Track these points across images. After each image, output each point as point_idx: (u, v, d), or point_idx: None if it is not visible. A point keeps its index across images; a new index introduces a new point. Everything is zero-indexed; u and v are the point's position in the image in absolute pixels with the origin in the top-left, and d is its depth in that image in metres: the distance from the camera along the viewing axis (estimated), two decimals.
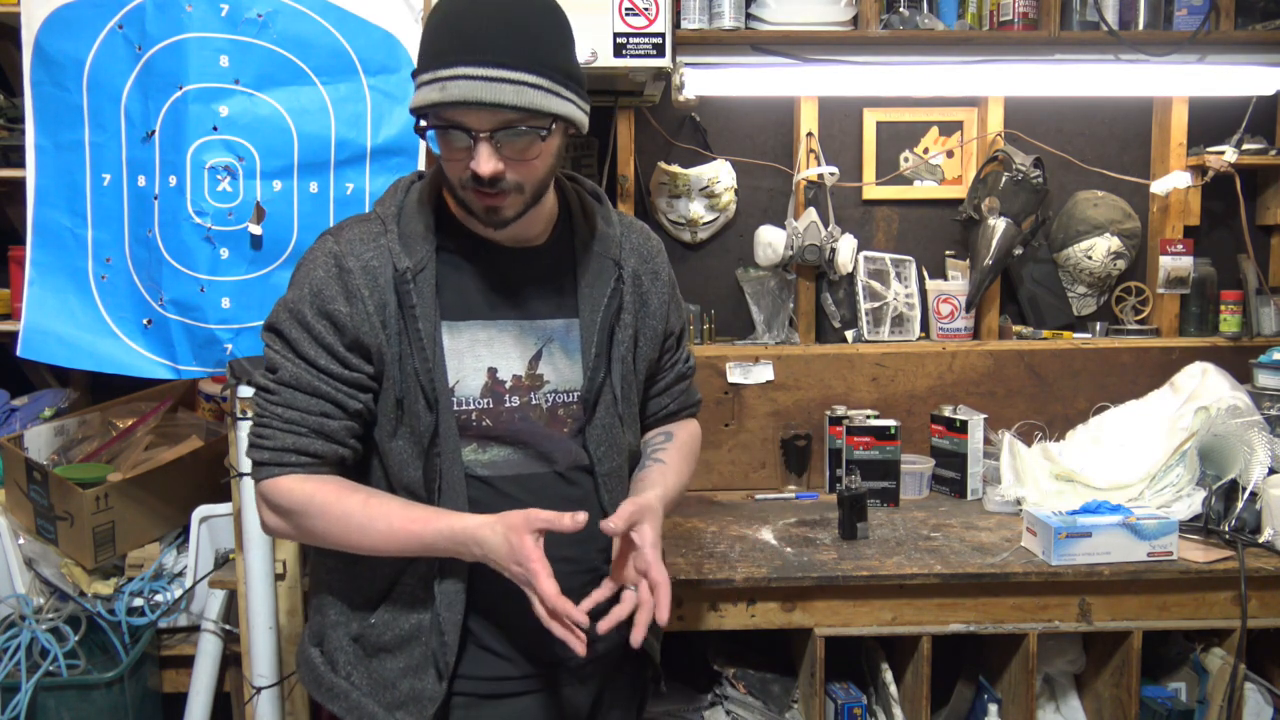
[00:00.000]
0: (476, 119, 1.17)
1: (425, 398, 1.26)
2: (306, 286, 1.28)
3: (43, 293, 1.83)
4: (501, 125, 1.18)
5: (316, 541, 1.32)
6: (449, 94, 1.15)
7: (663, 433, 1.53)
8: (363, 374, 1.28)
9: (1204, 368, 2.32)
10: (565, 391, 1.35)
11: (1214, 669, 2.01)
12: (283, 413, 1.27)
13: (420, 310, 1.26)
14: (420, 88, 1.18)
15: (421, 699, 1.30)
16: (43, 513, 2.08)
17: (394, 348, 1.27)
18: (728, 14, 2.32)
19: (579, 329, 1.36)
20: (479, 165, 1.18)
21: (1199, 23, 2.41)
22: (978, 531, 2.13)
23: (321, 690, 1.37)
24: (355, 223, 1.33)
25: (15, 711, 1.91)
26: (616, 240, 1.40)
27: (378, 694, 1.33)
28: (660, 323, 1.45)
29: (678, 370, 1.54)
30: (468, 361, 1.30)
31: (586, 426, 1.36)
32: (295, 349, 1.27)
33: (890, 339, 2.62)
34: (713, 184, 2.59)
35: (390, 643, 1.32)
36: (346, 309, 1.26)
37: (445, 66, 1.16)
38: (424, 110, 1.18)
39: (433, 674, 1.30)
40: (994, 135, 2.58)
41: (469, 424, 1.30)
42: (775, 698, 2.05)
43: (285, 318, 1.28)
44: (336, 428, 1.28)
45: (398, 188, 1.36)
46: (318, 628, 1.40)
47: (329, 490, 1.28)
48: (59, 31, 1.77)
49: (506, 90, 1.16)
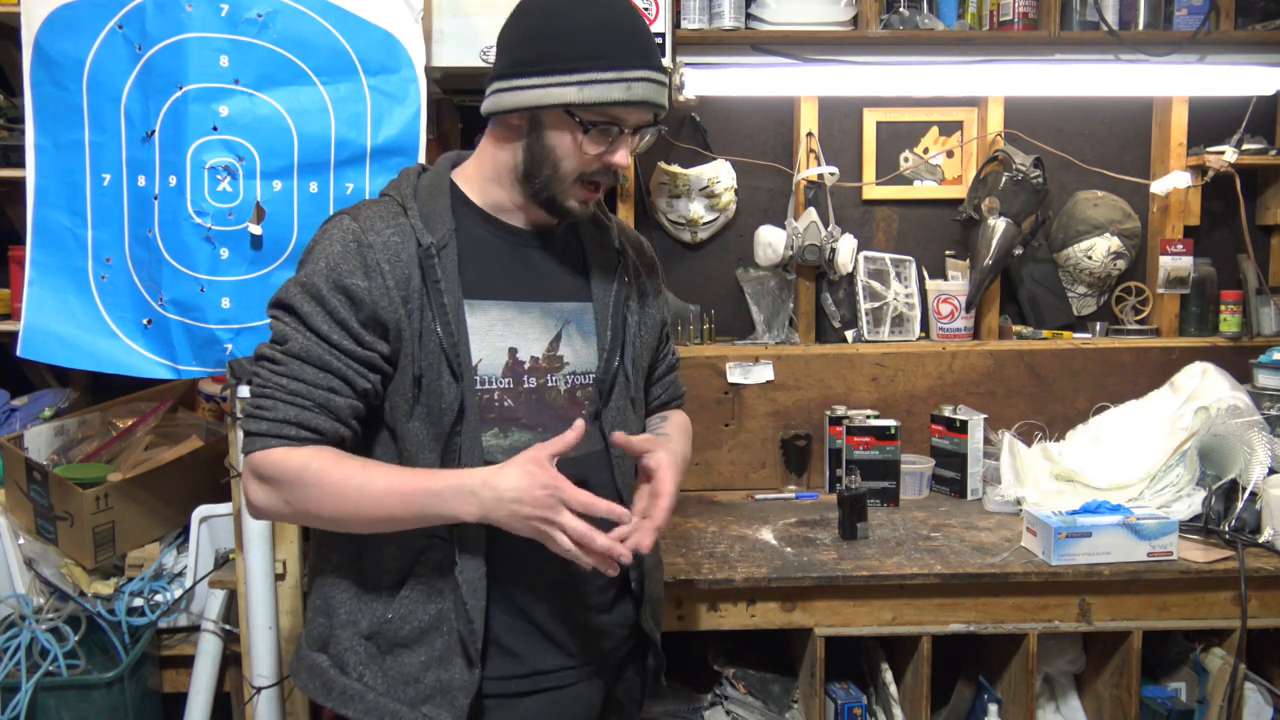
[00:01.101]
0: (637, 117, 1.28)
1: (451, 370, 1.26)
2: (323, 261, 1.26)
3: (43, 293, 1.83)
4: (646, 124, 1.30)
5: (308, 517, 1.28)
6: (634, 94, 1.25)
7: (658, 417, 1.58)
8: (376, 352, 1.27)
9: (1204, 368, 2.32)
10: (583, 373, 1.38)
11: (1214, 669, 2.01)
12: (287, 384, 1.24)
13: (445, 285, 1.27)
14: (596, 85, 1.24)
15: (451, 689, 1.28)
16: (43, 513, 2.08)
17: (415, 324, 1.26)
18: (728, 14, 2.32)
19: (593, 312, 1.40)
20: (620, 157, 1.29)
21: (1199, 23, 2.41)
22: (978, 531, 2.13)
23: (333, 695, 1.32)
24: (370, 204, 1.34)
25: (15, 711, 1.91)
26: (615, 232, 1.47)
27: (397, 691, 1.30)
28: (657, 312, 1.50)
29: (669, 361, 1.60)
30: (490, 340, 1.31)
31: (602, 410, 1.38)
32: (307, 322, 1.25)
33: (890, 339, 2.62)
34: (713, 184, 2.59)
35: (409, 636, 1.30)
36: (365, 284, 1.25)
37: (630, 69, 1.25)
38: (602, 106, 1.25)
39: (460, 663, 1.28)
40: (994, 135, 2.58)
41: (491, 404, 1.30)
42: (775, 698, 2.05)
43: (297, 292, 1.26)
44: (342, 405, 1.25)
45: (409, 174, 1.38)
46: (321, 632, 1.36)
47: (325, 456, 1.24)
48: (59, 31, 1.77)
49: (664, 95, 1.29)
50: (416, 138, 1.82)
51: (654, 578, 1.47)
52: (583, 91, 1.24)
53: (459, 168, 1.39)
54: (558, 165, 1.29)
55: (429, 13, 1.84)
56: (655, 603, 1.48)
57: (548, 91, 1.25)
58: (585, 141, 1.27)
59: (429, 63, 1.84)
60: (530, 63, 1.26)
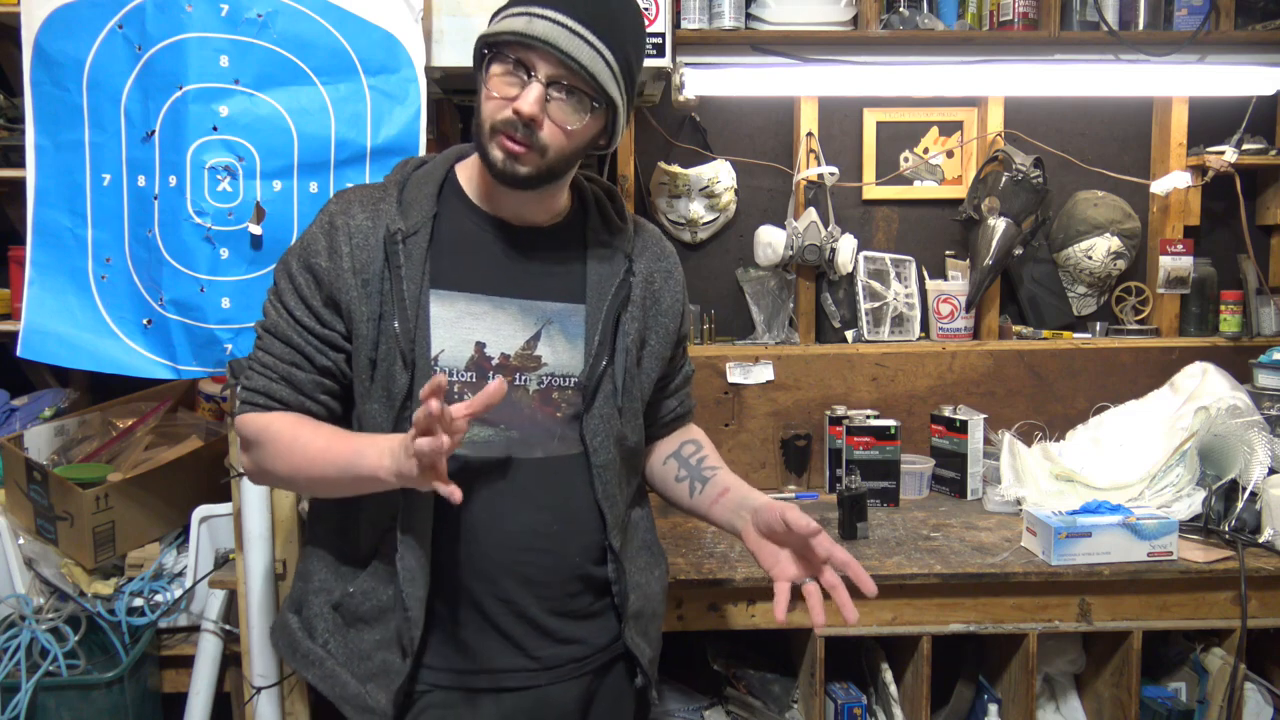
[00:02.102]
0: (544, 64, 1.20)
1: (403, 358, 1.26)
2: (302, 240, 1.33)
3: (43, 293, 1.83)
4: (560, 79, 1.21)
5: (271, 477, 1.34)
6: (533, 29, 1.18)
7: (689, 442, 1.53)
8: (334, 331, 1.30)
9: (1204, 368, 2.32)
10: (563, 376, 1.34)
11: (1214, 669, 2.01)
12: (261, 356, 1.32)
13: (406, 272, 1.28)
14: (503, 18, 1.22)
15: (389, 672, 1.30)
16: (43, 513, 2.08)
17: (372, 308, 1.28)
18: (728, 14, 2.32)
19: (583, 315, 1.36)
20: (523, 102, 1.20)
21: (1199, 23, 2.41)
22: (978, 531, 2.13)
23: (297, 657, 1.38)
24: (360, 188, 1.37)
25: (15, 711, 1.91)
26: (629, 236, 1.42)
27: (352, 665, 1.33)
28: (673, 321, 1.45)
29: (684, 373, 1.55)
30: (455, 332, 1.29)
31: (584, 415, 1.34)
32: (280, 298, 1.32)
33: (890, 339, 2.62)
34: (713, 184, 2.59)
35: (368, 614, 1.32)
36: (327, 264, 1.29)
37: (540, 5, 1.20)
38: (498, 39, 1.21)
39: (398, 649, 1.30)
40: (994, 135, 2.58)
41: (450, 396, 1.27)
42: (775, 698, 2.05)
43: (280, 269, 1.34)
44: (304, 379, 1.31)
45: (408, 163, 1.40)
46: (299, 594, 1.41)
47: (286, 420, 1.30)
48: (59, 31, 1.77)
49: (584, 49, 1.20)
50: (416, 138, 1.81)
51: (644, 593, 1.42)
52: (493, 25, 1.23)
53: (464, 160, 1.39)
54: (479, 110, 1.25)
55: (429, 13, 1.84)
56: (646, 619, 1.43)
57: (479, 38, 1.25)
58: (492, 75, 1.22)
59: (429, 63, 1.84)
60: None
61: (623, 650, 1.41)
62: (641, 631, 1.42)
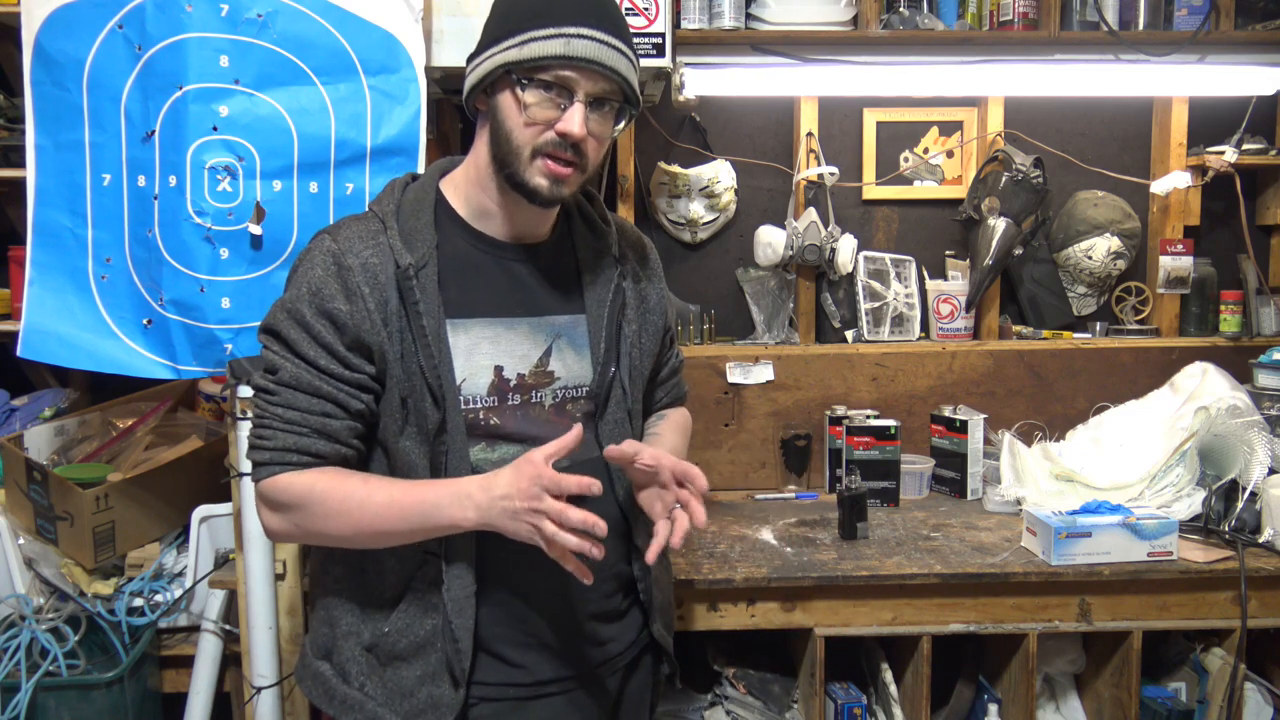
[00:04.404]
0: (587, 82, 1.20)
1: (432, 395, 1.25)
2: (305, 286, 1.26)
3: (43, 293, 1.83)
4: (601, 95, 1.21)
5: (319, 537, 1.29)
6: (574, 49, 1.17)
7: (655, 416, 1.55)
8: (364, 374, 1.26)
9: (1204, 368, 2.32)
10: (575, 387, 1.36)
11: (1214, 669, 2.01)
12: (283, 413, 1.25)
13: (424, 307, 1.25)
14: (531, 41, 1.19)
15: (440, 706, 1.29)
16: (43, 513, 2.08)
17: (396, 346, 1.26)
18: (728, 14, 2.32)
19: (586, 325, 1.37)
20: (572, 125, 1.19)
21: (1199, 23, 2.41)
22: (978, 531, 2.13)
23: (334, 703, 1.34)
24: (352, 221, 1.31)
25: (15, 711, 1.91)
26: (614, 237, 1.42)
27: (394, 703, 1.30)
28: (660, 317, 1.48)
29: (672, 364, 1.58)
30: (475, 359, 1.29)
31: (599, 421, 1.36)
32: (294, 349, 1.25)
33: (890, 339, 2.62)
34: (713, 184, 2.59)
35: (405, 650, 1.30)
36: (346, 307, 1.24)
37: (570, 25, 1.18)
38: (538, 64, 1.18)
39: (448, 680, 1.29)
40: (994, 135, 2.58)
41: (477, 422, 1.29)
42: (775, 698, 2.05)
43: (283, 318, 1.26)
44: (339, 427, 1.26)
45: (394, 187, 1.35)
46: (325, 641, 1.37)
47: (328, 477, 1.25)
48: (59, 31, 1.77)
49: (621, 60, 1.20)
50: (416, 138, 1.82)
51: (661, 585, 1.47)
52: (521, 50, 1.19)
53: (448, 176, 1.36)
54: (510, 136, 1.23)
55: (429, 13, 1.84)
56: (665, 610, 1.48)
57: (493, 59, 1.22)
58: (528, 103, 1.20)
59: (429, 63, 1.84)
60: (486, 42, 1.25)
61: (648, 641, 1.46)
62: (664, 623, 1.47)
